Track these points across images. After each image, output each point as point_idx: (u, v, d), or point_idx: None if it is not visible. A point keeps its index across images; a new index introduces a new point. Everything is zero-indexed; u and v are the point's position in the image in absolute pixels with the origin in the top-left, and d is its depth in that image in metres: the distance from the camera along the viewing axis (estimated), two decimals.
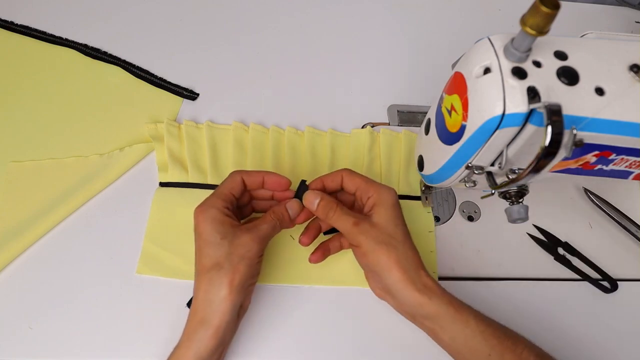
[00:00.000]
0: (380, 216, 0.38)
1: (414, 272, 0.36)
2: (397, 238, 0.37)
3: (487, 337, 0.35)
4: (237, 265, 0.35)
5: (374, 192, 0.39)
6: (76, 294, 0.42)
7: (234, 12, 0.61)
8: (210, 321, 0.34)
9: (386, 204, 0.38)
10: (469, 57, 0.32)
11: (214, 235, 0.35)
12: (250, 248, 0.35)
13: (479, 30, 0.39)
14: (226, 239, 0.35)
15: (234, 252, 0.35)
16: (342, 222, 0.38)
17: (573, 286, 0.46)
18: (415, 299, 0.36)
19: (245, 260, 0.35)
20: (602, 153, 0.32)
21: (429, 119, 0.40)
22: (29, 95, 0.51)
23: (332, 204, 0.38)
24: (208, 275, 0.35)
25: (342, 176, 0.40)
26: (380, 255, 0.36)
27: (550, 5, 0.25)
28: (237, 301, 0.35)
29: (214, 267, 0.35)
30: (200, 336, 0.34)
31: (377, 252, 0.36)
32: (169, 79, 0.54)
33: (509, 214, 0.36)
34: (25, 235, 0.43)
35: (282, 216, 0.39)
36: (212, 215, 0.36)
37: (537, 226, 0.48)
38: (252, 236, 0.36)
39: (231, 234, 0.35)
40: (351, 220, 0.37)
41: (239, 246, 0.35)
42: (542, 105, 0.27)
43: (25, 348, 0.39)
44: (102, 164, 0.47)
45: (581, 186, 0.51)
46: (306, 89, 0.55)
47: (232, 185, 0.38)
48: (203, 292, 0.35)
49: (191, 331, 0.35)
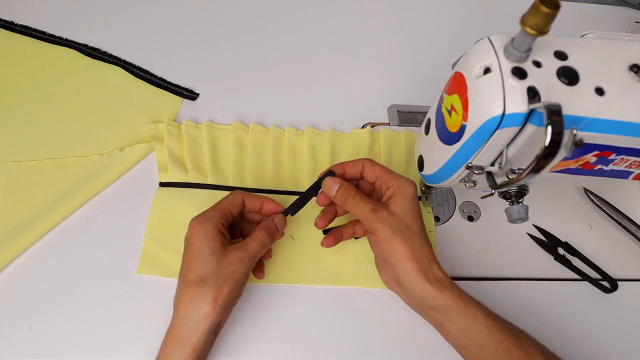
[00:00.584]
0: (398, 206, 0.38)
1: (426, 264, 0.36)
2: (413, 229, 0.37)
3: (494, 332, 0.35)
4: (222, 284, 0.34)
5: (394, 182, 0.39)
6: (76, 294, 0.42)
7: (234, 12, 0.61)
8: (188, 339, 0.34)
9: (405, 195, 0.38)
10: (469, 57, 0.32)
11: (204, 249, 0.35)
12: (237, 268, 0.35)
13: (479, 30, 0.39)
14: (214, 256, 0.35)
15: (221, 271, 0.35)
16: (360, 209, 0.38)
17: (573, 286, 0.46)
18: (425, 291, 0.36)
19: (230, 281, 0.35)
20: (602, 153, 0.32)
21: (429, 119, 0.40)
22: (29, 95, 0.51)
23: (350, 190, 0.39)
24: (191, 290, 0.34)
25: (363, 165, 0.41)
26: (395, 244, 0.36)
27: (550, 5, 0.25)
28: (216, 320, 0.35)
29: (198, 282, 0.34)
30: (177, 354, 0.34)
31: (393, 241, 0.36)
32: (169, 79, 0.54)
33: (509, 214, 0.36)
34: (25, 235, 0.43)
35: (272, 231, 0.39)
36: (206, 228, 0.36)
37: (537, 226, 0.48)
38: (241, 256, 0.36)
39: (220, 252, 0.35)
40: (369, 207, 0.37)
41: (226, 265, 0.35)
42: (542, 105, 0.27)
43: (25, 348, 0.39)
44: (102, 164, 0.47)
45: (581, 186, 0.51)
46: (306, 89, 0.55)
47: (232, 204, 0.39)
48: (184, 306, 0.34)
49: (169, 350, 0.34)
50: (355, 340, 0.42)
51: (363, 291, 0.44)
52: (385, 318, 0.43)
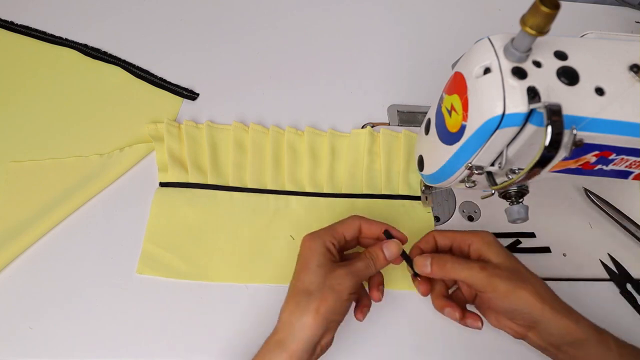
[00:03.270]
0: (498, 256, 0.37)
1: (555, 300, 0.36)
2: (523, 272, 0.37)
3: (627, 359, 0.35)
4: (327, 295, 0.35)
5: (474, 238, 0.39)
6: (76, 294, 0.42)
7: (234, 12, 0.61)
8: (287, 344, 0.34)
9: (493, 244, 0.38)
10: (469, 57, 0.32)
11: (312, 262, 0.36)
12: (342, 282, 0.35)
13: (479, 30, 0.39)
14: (322, 269, 0.36)
15: (326, 283, 0.35)
16: (466, 272, 0.37)
17: (573, 286, 0.46)
18: (565, 327, 0.35)
19: (335, 293, 0.35)
20: (602, 153, 0.32)
21: (429, 119, 0.40)
22: (29, 95, 0.51)
23: (445, 257, 0.38)
24: (297, 299, 0.35)
25: (433, 236, 0.41)
26: (521, 292, 0.36)
27: (550, 5, 0.25)
28: (318, 331, 0.34)
29: (304, 292, 0.35)
30: (274, 357, 0.34)
31: (517, 290, 0.36)
32: (169, 79, 0.54)
33: (509, 214, 0.36)
34: (25, 235, 0.43)
35: (377, 256, 0.38)
36: (316, 244, 0.37)
37: (612, 257, 0.47)
38: (346, 271, 0.36)
39: (327, 266, 0.36)
40: (476, 266, 0.37)
41: (332, 278, 0.35)
42: (542, 105, 0.27)
43: (25, 348, 0.39)
44: (102, 164, 0.47)
45: (581, 186, 0.51)
46: (306, 89, 0.55)
47: (347, 227, 0.39)
48: (288, 313, 0.35)
49: (267, 350, 0.35)
50: (354, 340, 0.42)
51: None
52: (384, 318, 0.43)
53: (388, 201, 0.48)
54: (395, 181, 0.50)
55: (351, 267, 0.36)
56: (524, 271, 0.37)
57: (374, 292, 0.40)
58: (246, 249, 0.45)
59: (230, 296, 0.43)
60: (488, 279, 0.36)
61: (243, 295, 0.43)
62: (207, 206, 0.46)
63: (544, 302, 0.35)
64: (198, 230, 0.45)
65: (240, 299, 0.43)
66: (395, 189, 0.49)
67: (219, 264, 0.44)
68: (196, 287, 0.43)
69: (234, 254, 0.45)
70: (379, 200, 0.48)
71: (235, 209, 0.47)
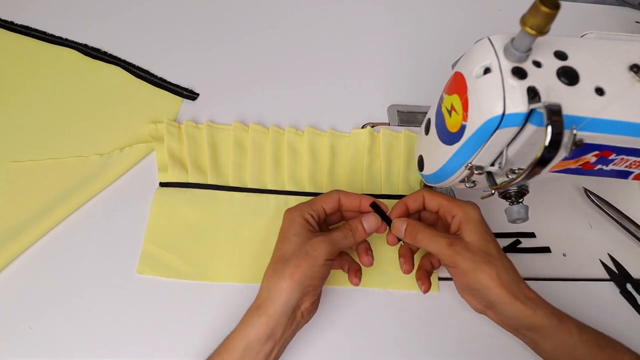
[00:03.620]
0: (471, 234, 0.38)
1: (515, 285, 0.36)
2: (493, 254, 0.37)
3: (589, 346, 0.35)
4: (301, 261, 0.36)
5: (458, 210, 0.39)
6: (76, 294, 0.42)
7: (234, 12, 0.61)
8: (265, 308, 0.35)
9: (474, 221, 0.38)
10: (469, 57, 0.32)
11: (290, 232, 0.38)
12: (317, 247, 0.37)
13: (479, 30, 0.39)
14: (299, 237, 0.37)
15: (302, 249, 0.37)
16: (434, 245, 0.38)
17: (573, 286, 0.46)
18: (520, 312, 0.36)
19: (310, 258, 0.36)
20: (602, 153, 0.32)
21: (429, 119, 0.40)
22: (29, 95, 0.51)
23: (418, 226, 0.39)
24: (274, 266, 0.37)
25: (423, 196, 0.42)
26: (480, 274, 0.36)
27: (550, 5, 0.25)
28: (293, 295, 0.35)
29: (281, 258, 0.37)
30: (253, 321, 0.35)
31: (477, 271, 0.36)
32: (169, 79, 0.54)
33: (509, 214, 0.36)
34: (25, 235, 0.43)
35: (356, 228, 0.39)
36: (294, 216, 0.39)
37: (612, 257, 0.48)
38: (322, 238, 0.37)
39: (304, 235, 0.38)
40: (444, 242, 0.38)
41: (308, 245, 0.37)
42: (542, 105, 0.27)
43: (25, 348, 0.39)
44: (102, 164, 0.47)
45: (581, 186, 0.51)
46: (306, 89, 0.55)
47: (326, 200, 0.40)
48: (266, 280, 0.37)
49: (247, 316, 0.36)
50: (354, 341, 0.42)
51: (364, 291, 0.44)
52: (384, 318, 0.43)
53: (388, 201, 0.48)
54: (395, 181, 0.50)
55: (328, 236, 0.38)
56: (493, 253, 0.37)
57: (364, 257, 0.41)
58: (246, 249, 0.45)
59: (230, 296, 0.43)
60: (452, 257, 0.37)
61: (243, 295, 0.43)
62: (207, 206, 0.46)
63: (501, 287, 0.36)
64: (198, 230, 0.45)
65: (240, 299, 0.43)
66: (395, 188, 0.49)
67: (219, 264, 0.44)
68: (196, 287, 0.43)
69: (234, 254, 0.45)
70: None
71: (235, 209, 0.47)
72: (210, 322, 0.42)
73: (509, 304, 0.36)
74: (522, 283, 0.37)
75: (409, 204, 0.42)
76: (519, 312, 0.36)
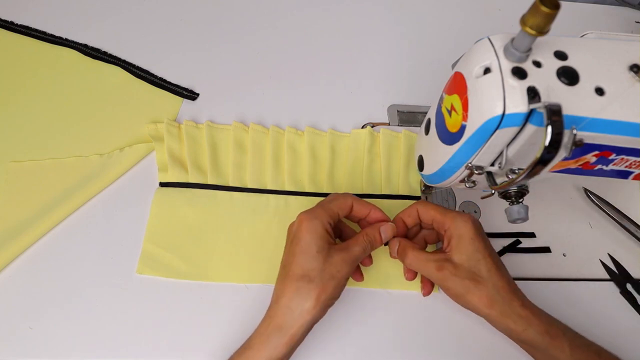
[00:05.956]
0: (460, 253, 0.37)
1: (507, 305, 0.36)
2: (482, 274, 0.37)
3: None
4: (327, 283, 0.35)
5: (449, 224, 0.38)
6: (76, 294, 0.42)
7: (234, 12, 0.61)
8: (287, 329, 0.35)
9: (463, 237, 0.37)
10: (469, 57, 0.32)
11: (312, 246, 0.36)
12: (341, 269, 0.36)
13: (479, 30, 0.39)
14: (321, 254, 0.36)
15: (326, 269, 0.36)
16: (424, 269, 0.38)
17: (573, 286, 0.46)
18: (510, 331, 0.36)
19: (334, 280, 0.36)
20: (602, 153, 0.32)
21: (429, 119, 0.40)
22: (29, 95, 0.51)
23: (408, 248, 0.39)
24: (296, 284, 0.35)
25: (417, 210, 0.41)
26: (469, 297, 0.36)
27: (550, 5, 0.25)
28: (317, 316, 0.35)
29: (303, 277, 0.35)
30: (275, 342, 0.34)
31: (467, 295, 0.36)
32: (169, 79, 0.54)
33: (509, 214, 0.36)
34: (25, 235, 0.43)
35: (375, 239, 0.39)
36: (315, 226, 0.37)
37: (612, 256, 0.48)
38: (344, 257, 0.37)
39: (326, 250, 0.36)
40: (433, 266, 0.38)
41: (332, 265, 0.36)
42: (542, 105, 0.27)
43: (25, 348, 0.39)
44: (102, 164, 0.47)
45: (581, 186, 0.51)
46: (306, 89, 0.55)
47: (342, 206, 0.39)
48: (287, 299, 0.35)
49: (266, 335, 0.35)
50: (355, 340, 0.42)
51: (363, 291, 0.44)
52: (383, 318, 0.43)
53: (388, 201, 0.48)
54: (395, 181, 0.50)
55: (350, 254, 0.37)
56: (483, 274, 0.37)
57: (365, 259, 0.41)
58: (246, 249, 0.45)
59: (230, 296, 0.43)
60: (442, 282, 0.38)
61: (243, 295, 0.43)
62: (207, 206, 0.46)
63: (491, 307, 0.36)
64: (198, 230, 0.45)
65: (240, 299, 0.43)
66: (395, 189, 0.49)
67: (219, 264, 0.44)
68: (196, 287, 0.43)
69: (234, 254, 0.45)
70: (379, 200, 0.48)
71: (235, 209, 0.47)
72: (210, 322, 0.42)
73: (499, 323, 0.37)
74: (515, 301, 0.37)
75: (405, 219, 0.41)
76: (509, 330, 0.36)
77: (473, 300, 0.36)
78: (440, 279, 0.37)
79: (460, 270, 0.37)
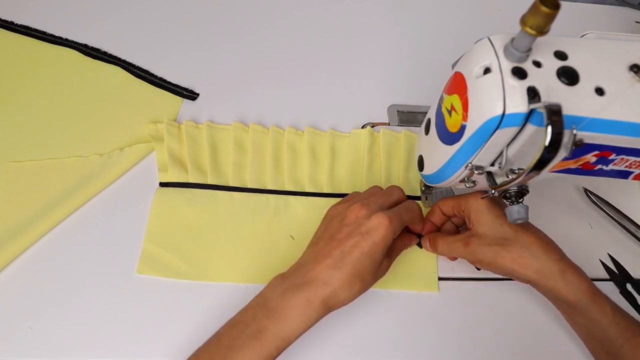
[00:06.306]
0: (480, 224, 0.38)
1: (543, 262, 0.36)
2: (508, 236, 0.37)
3: (621, 330, 0.35)
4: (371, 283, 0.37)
5: (464, 204, 0.40)
6: (76, 294, 0.42)
7: (234, 12, 0.61)
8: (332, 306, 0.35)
9: (480, 210, 0.39)
10: (469, 57, 0.32)
11: (379, 255, 0.36)
12: (383, 273, 0.39)
13: (479, 30, 0.39)
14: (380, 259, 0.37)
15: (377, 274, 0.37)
16: (454, 251, 0.40)
17: None
18: (550, 289, 0.36)
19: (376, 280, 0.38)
20: (602, 153, 0.32)
21: (429, 119, 0.40)
22: (29, 95, 0.51)
23: (436, 237, 0.41)
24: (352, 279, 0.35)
25: (439, 208, 0.42)
26: (502, 262, 0.36)
27: (550, 5, 0.25)
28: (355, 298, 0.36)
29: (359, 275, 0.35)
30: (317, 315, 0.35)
31: (499, 259, 0.36)
32: (169, 79, 0.54)
33: (509, 214, 0.36)
34: (25, 235, 0.43)
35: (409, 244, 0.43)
36: (390, 236, 0.36)
37: (612, 257, 0.48)
38: (389, 263, 0.39)
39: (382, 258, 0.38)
40: (460, 244, 0.38)
41: (381, 270, 0.38)
42: (542, 105, 0.27)
43: (25, 348, 0.39)
44: (102, 164, 0.47)
45: (581, 186, 0.51)
46: (306, 89, 0.55)
47: (411, 221, 0.40)
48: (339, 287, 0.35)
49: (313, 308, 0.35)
50: (354, 341, 0.42)
51: None
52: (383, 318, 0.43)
53: None
54: (395, 181, 0.50)
55: (392, 259, 0.40)
56: (509, 235, 0.37)
57: None
58: (246, 249, 0.45)
59: (230, 296, 0.43)
60: (472, 255, 0.38)
61: (243, 295, 0.43)
62: (207, 206, 0.46)
63: (526, 269, 0.36)
64: (198, 230, 0.45)
65: (240, 299, 0.43)
66: None
67: (219, 264, 0.44)
68: (196, 287, 0.43)
69: (234, 254, 0.45)
70: None
71: (235, 209, 0.47)
72: (210, 322, 0.41)
73: (540, 283, 0.36)
74: (552, 254, 0.36)
75: (432, 220, 0.43)
76: (550, 290, 0.36)
77: (505, 263, 0.36)
78: (469, 252, 0.38)
79: (486, 238, 0.37)
